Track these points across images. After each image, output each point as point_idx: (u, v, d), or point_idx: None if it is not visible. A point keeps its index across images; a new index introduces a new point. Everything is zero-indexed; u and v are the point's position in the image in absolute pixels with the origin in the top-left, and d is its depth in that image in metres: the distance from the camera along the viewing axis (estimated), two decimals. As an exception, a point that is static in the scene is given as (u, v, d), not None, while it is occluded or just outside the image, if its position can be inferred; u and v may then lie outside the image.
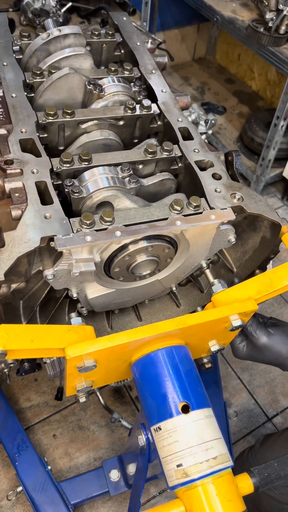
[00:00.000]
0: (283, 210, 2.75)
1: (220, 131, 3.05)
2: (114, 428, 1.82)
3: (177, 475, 0.76)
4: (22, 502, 1.63)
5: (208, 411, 0.82)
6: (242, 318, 0.91)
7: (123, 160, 1.08)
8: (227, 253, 1.29)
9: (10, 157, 1.01)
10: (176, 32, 3.39)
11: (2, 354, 0.75)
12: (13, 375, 1.40)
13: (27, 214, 0.92)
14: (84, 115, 1.13)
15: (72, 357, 0.79)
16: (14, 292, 1.07)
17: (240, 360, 2.06)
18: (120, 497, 1.65)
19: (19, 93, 1.15)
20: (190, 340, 0.91)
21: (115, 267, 0.99)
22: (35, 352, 0.81)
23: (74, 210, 1.02)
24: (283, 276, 0.94)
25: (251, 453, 1.38)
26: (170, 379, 0.84)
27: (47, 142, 1.15)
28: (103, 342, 0.81)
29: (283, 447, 1.32)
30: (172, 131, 1.17)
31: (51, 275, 0.93)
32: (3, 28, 1.33)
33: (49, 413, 1.83)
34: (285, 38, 2.18)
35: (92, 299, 1.08)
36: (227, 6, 2.45)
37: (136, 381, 0.89)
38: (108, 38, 1.38)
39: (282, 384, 2.02)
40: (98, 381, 0.95)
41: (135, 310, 1.34)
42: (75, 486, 1.50)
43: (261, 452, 1.36)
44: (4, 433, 1.57)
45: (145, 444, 0.89)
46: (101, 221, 0.94)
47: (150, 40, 1.41)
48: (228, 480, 0.77)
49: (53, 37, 1.24)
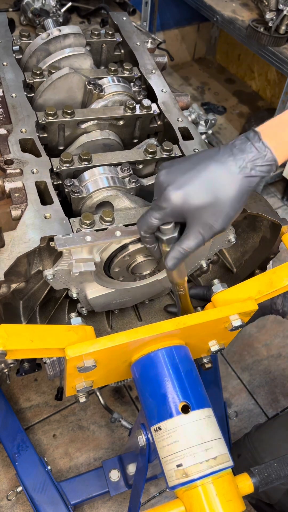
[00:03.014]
0: (283, 210, 2.75)
1: (220, 131, 3.05)
2: (114, 428, 1.82)
3: (177, 475, 0.76)
4: (22, 502, 1.63)
5: (208, 411, 0.82)
6: (242, 318, 0.91)
7: (123, 160, 1.08)
8: (227, 253, 1.29)
9: (10, 157, 1.01)
10: (176, 32, 3.39)
11: (2, 354, 0.75)
12: (13, 375, 1.40)
13: (27, 214, 0.92)
14: (84, 115, 1.13)
15: (72, 357, 0.79)
16: (14, 292, 1.06)
17: (240, 360, 2.06)
18: (120, 497, 1.65)
19: (19, 93, 1.15)
20: (190, 340, 0.91)
21: (115, 267, 0.99)
22: (35, 352, 0.81)
23: (74, 210, 1.02)
24: (283, 276, 0.94)
25: (247, 437, 1.39)
26: (170, 379, 0.84)
27: (47, 142, 1.15)
28: (103, 342, 0.81)
29: (279, 429, 1.33)
30: (172, 131, 1.17)
31: (51, 275, 0.93)
32: (3, 28, 1.33)
33: (49, 413, 1.83)
34: (285, 38, 2.18)
35: (92, 299, 1.08)
36: (227, 6, 2.45)
37: (136, 381, 0.89)
38: (108, 38, 1.38)
39: (282, 384, 2.02)
40: (98, 381, 0.95)
41: (135, 310, 1.34)
42: (75, 486, 1.50)
43: (256, 435, 1.37)
44: (4, 433, 1.56)
45: (145, 444, 0.89)
46: (101, 221, 0.94)
47: (150, 40, 1.41)
48: (228, 480, 0.77)
49: (53, 37, 1.24)
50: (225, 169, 0.78)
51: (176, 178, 0.80)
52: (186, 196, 0.79)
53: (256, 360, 2.09)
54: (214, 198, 0.78)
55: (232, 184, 0.78)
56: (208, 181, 0.78)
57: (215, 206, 0.78)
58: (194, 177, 0.79)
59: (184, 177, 0.79)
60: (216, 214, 0.79)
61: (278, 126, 0.81)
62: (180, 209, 0.80)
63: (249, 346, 2.13)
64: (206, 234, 0.81)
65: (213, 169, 0.78)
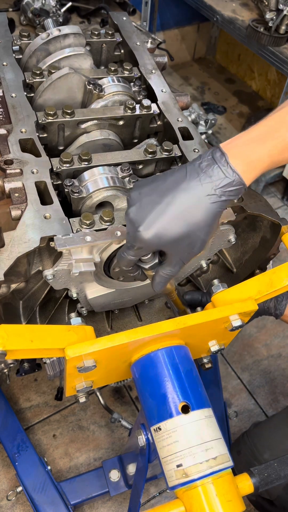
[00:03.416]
0: (283, 210, 2.75)
1: (220, 131, 3.05)
2: (114, 428, 1.82)
3: (177, 475, 0.76)
4: (22, 502, 1.63)
5: (208, 411, 0.82)
6: (242, 318, 0.91)
7: (123, 160, 1.08)
8: (227, 253, 1.29)
9: (10, 157, 1.01)
10: (176, 32, 3.39)
11: (1, 354, 0.75)
12: (13, 375, 1.40)
13: (26, 214, 0.92)
14: (84, 115, 1.13)
15: (72, 357, 0.79)
16: (14, 292, 1.06)
17: (240, 360, 2.06)
18: (120, 497, 1.65)
19: (18, 93, 1.15)
20: (190, 340, 0.91)
21: (115, 267, 0.99)
22: (34, 352, 0.81)
23: (74, 210, 1.02)
24: (283, 276, 0.94)
25: (246, 434, 1.39)
26: (170, 379, 0.84)
27: (47, 142, 1.15)
28: (103, 342, 0.81)
29: (278, 425, 1.33)
30: (172, 131, 1.17)
31: (51, 275, 0.93)
32: (3, 28, 1.33)
33: (49, 413, 1.83)
34: (285, 38, 2.18)
35: (91, 299, 1.08)
36: (227, 6, 2.45)
37: (136, 381, 0.89)
38: (108, 38, 1.38)
39: (282, 384, 2.02)
40: (98, 381, 0.95)
41: (135, 310, 1.34)
42: (75, 486, 1.50)
43: (255, 432, 1.37)
44: (4, 433, 1.56)
45: (145, 444, 0.89)
46: (101, 221, 0.94)
47: (150, 40, 1.41)
48: (228, 480, 0.77)
49: (52, 37, 1.24)
50: (193, 198, 0.76)
51: (146, 216, 0.77)
52: (158, 234, 0.77)
53: (256, 360, 2.09)
54: (187, 229, 0.77)
55: (202, 212, 0.76)
56: (178, 214, 0.76)
57: (189, 236, 0.78)
58: (163, 212, 0.77)
59: (153, 214, 0.77)
60: (191, 243, 0.79)
61: (246, 145, 0.77)
62: (156, 246, 0.80)
63: (249, 346, 2.13)
64: (186, 259, 0.83)
65: (182, 200, 0.76)
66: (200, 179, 0.76)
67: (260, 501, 1.48)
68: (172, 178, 0.79)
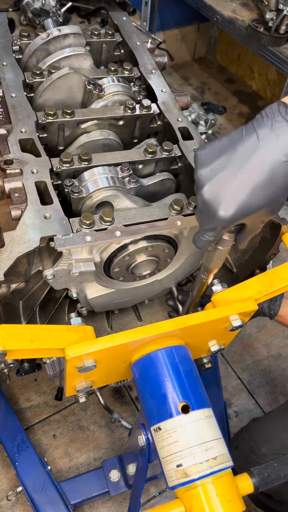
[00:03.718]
0: (283, 210, 2.74)
1: (220, 131, 3.05)
2: (114, 428, 1.82)
3: (177, 475, 0.76)
4: (22, 502, 1.63)
5: (208, 411, 0.82)
6: (242, 318, 0.91)
7: (123, 160, 1.08)
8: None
9: (9, 157, 1.01)
10: (176, 32, 3.39)
11: (1, 354, 0.75)
12: (13, 375, 1.40)
13: (26, 214, 0.92)
14: (84, 115, 1.13)
15: (72, 357, 0.79)
16: (14, 292, 1.06)
17: (240, 360, 2.07)
18: (120, 497, 1.65)
19: (18, 93, 1.15)
20: (190, 340, 0.91)
21: (115, 267, 0.99)
22: (34, 352, 0.81)
23: (74, 210, 1.02)
24: (283, 276, 0.94)
25: (244, 429, 1.40)
26: (170, 379, 0.84)
27: (47, 142, 1.15)
28: (103, 342, 0.81)
29: (276, 419, 1.33)
30: (172, 131, 1.17)
31: (51, 275, 0.93)
32: (3, 28, 1.33)
33: (49, 413, 1.83)
34: (285, 38, 2.18)
35: (91, 299, 1.08)
36: (227, 6, 2.45)
37: (136, 381, 0.89)
38: (108, 38, 1.38)
39: (282, 384, 2.02)
40: (98, 381, 0.95)
41: (135, 310, 1.34)
42: (75, 486, 1.50)
43: (254, 426, 1.38)
44: (4, 433, 1.57)
45: (145, 444, 0.89)
46: (101, 221, 0.94)
47: (150, 40, 1.41)
48: (228, 480, 0.77)
49: (52, 37, 1.24)
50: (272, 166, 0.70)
51: (224, 195, 0.71)
52: (240, 211, 0.72)
53: (256, 360, 2.09)
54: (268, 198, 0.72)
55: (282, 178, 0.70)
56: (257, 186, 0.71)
57: (270, 205, 0.73)
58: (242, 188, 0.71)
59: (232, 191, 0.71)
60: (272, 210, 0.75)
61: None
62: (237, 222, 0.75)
63: (249, 346, 2.13)
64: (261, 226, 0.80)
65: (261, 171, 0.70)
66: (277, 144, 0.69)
67: (258, 495, 1.48)
68: (243, 148, 0.72)
